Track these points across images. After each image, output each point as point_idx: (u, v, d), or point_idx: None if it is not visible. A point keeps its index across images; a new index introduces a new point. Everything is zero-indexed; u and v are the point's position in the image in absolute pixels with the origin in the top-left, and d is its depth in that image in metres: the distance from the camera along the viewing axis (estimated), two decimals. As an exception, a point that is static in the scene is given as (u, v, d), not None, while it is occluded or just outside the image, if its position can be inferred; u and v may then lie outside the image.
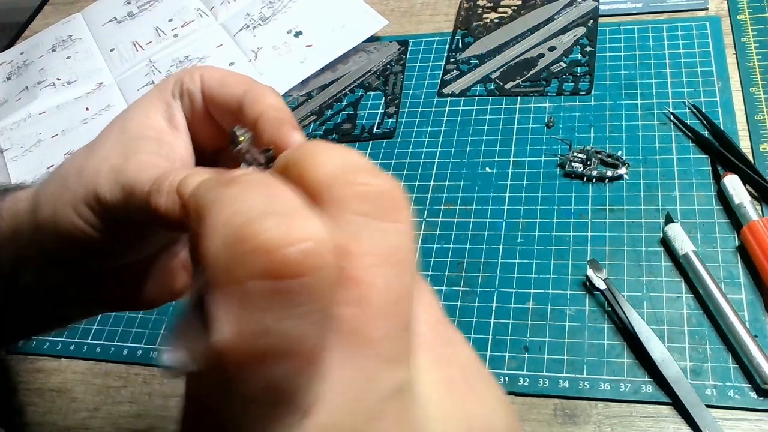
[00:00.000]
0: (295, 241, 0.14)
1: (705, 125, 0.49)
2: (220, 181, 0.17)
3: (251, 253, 0.14)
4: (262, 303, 0.14)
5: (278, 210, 0.15)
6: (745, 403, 0.37)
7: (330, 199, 0.16)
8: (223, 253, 0.15)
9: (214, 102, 0.28)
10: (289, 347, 0.15)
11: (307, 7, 0.68)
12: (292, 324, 0.14)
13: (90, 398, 0.47)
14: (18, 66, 0.76)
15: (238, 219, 0.15)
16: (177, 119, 0.29)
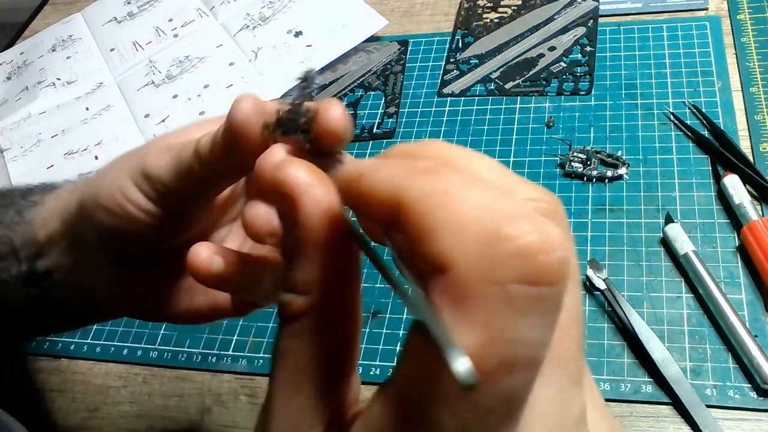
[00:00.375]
0: (553, 249, 0.14)
1: (705, 125, 0.49)
2: (416, 170, 0.15)
3: (512, 256, 0.13)
4: (522, 308, 0.13)
5: (524, 212, 0.14)
6: (745, 403, 0.37)
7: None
8: (476, 253, 0.13)
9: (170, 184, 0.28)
10: (536, 356, 0.14)
11: (307, 7, 0.68)
12: (542, 333, 0.14)
13: (90, 398, 0.47)
14: (18, 66, 0.76)
15: (488, 217, 0.14)
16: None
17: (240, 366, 0.46)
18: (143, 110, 0.66)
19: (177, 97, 0.65)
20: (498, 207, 0.14)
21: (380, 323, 0.45)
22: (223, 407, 0.44)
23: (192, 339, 0.48)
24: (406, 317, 0.45)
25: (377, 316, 0.45)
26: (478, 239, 0.14)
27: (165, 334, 0.49)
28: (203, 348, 0.47)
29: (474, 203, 0.14)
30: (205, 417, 0.44)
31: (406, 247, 0.15)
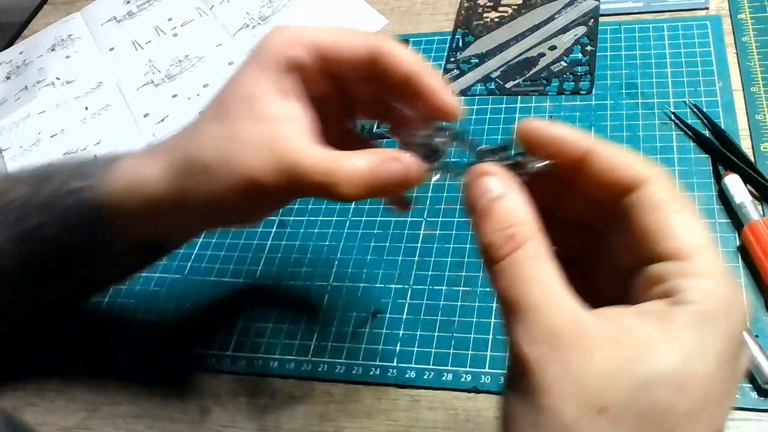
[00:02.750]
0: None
1: (706, 125, 0.49)
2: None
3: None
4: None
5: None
6: (746, 404, 0.37)
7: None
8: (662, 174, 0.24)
9: (334, 61, 0.32)
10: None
11: (307, 6, 0.68)
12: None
13: (89, 398, 0.47)
14: (17, 65, 0.75)
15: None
16: (288, 93, 0.31)
17: (240, 366, 0.45)
18: (143, 110, 0.65)
19: (176, 97, 0.65)
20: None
21: (380, 323, 0.45)
22: (222, 408, 0.44)
23: (191, 339, 0.48)
24: (406, 317, 0.45)
25: (377, 317, 0.45)
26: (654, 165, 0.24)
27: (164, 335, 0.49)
28: (202, 348, 0.47)
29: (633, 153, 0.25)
30: (204, 418, 0.44)
31: (589, 176, 0.25)
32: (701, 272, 0.22)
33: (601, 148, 0.25)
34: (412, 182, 0.29)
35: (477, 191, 0.25)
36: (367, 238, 0.50)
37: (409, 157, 0.29)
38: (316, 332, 0.46)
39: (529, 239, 0.23)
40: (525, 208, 0.24)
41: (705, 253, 0.23)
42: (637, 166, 0.24)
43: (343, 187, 0.29)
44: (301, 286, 0.48)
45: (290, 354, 0.45)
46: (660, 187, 0.24)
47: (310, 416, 0.42)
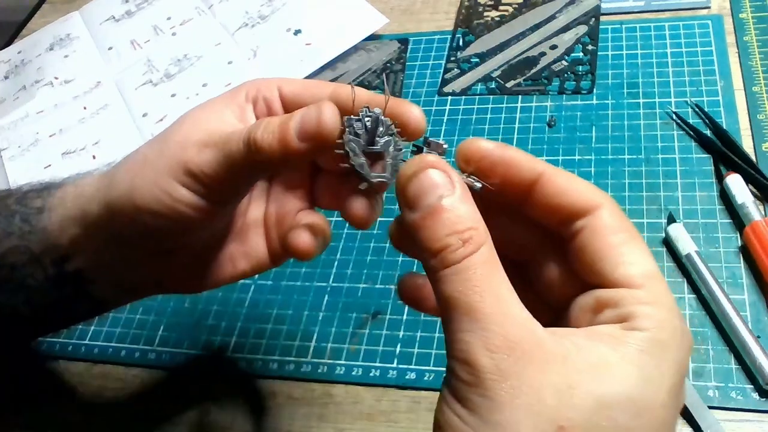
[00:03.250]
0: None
1: (707, 124, 0.49)
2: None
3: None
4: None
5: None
6: (747, 405, 0.37)
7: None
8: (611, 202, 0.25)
9: (298, 106, 0.30)
10: None
11: (307, 5, 0.68)
12: None
13: (88, 400, 0.47)
14: (16, 65, 0.75)
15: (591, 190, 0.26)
16: (248, 121, 0.31)
17: (240, 367, 0.45)
18: (141, 109, 0.65)
19: (175, 96, 0.65)
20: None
21: (380, 324, 0.45)
22: (222, 409, 0.44)
23: (190, 341, 0.47)
24: (406, 318, 0.44)
25: (377, 317, 0.45)
26: (603, 192, 0.25)
27: (163, 336, 0.48)
28: (202, 350, 0.47)
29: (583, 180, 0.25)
30: (203, 419, 0.44)
31: (539, 200, 0.25)
32: (654, 301, 0.22)
33: (553, 173, 0.25)
34: (324, 127, 0.26)
35: (422, 186, 0.23)
36: (367, 238, 0.49)
37: (330, 106, 0.27)
38: (316, 333, 0.45)
39: (484, 243, 0.22)
40: (476, 210, 0.23)
41: (656, 282, 0.23)
42: (589, 192, 0.24)
43: (260, 140, 0.27)
44: (301, 286, 0.48)
45: (290, 355, 0.45)
46: (610, 214, 0.24)
47: (309, 417, 0.42)
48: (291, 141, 0.26)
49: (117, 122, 0.65)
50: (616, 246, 0.23)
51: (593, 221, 0.24)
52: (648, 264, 0.23)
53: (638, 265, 0.23)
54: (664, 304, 0.22)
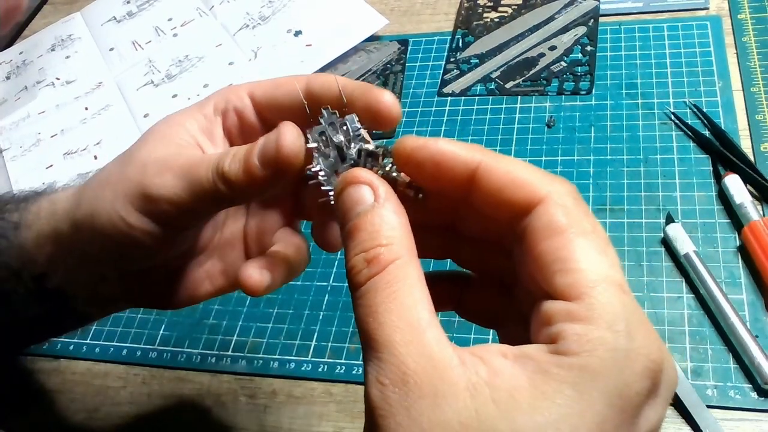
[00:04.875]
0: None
1: (706, 125, 0.49)
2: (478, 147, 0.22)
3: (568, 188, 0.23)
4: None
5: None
6: (745, 404, 0.37)
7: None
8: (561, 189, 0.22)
9: (272, 106, 0.29)
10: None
11: (307, 6, 0.68)
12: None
13: (89, 399, 0.47)
14: (17, 65, 0.75)
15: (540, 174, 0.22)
16: (216, 134, 0.30)
17: (239, 366, 0.45)
18: (142, 110, 0.65)
19: (176, 97, 0.65)
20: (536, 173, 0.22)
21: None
22: (223, 408, 0.44)
23: (191, 340, 0.48)
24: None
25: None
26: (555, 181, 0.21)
27: (164, 335, 0.49)
28: (203, 348, 0.47)
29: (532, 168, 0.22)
30: (204, 418, 0.44)
31: (481, 197, 0.22)
32: (590, 317, 0.18)
33: (492, 164, 0.21)
34: (284, 149, 0.25)
35: (345, 204, 0.22)
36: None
37: (290, 125, 0.25)
38: (316, 332, 0.46)
39: (392, 261, 0.20)
40: (393, 225, 0.21)
41: (600, 291, 0.19)
42: (533, 183, 0.21)
43: (227, 170, 0.25)
44: (301, 286, 0.48)
45: (290, 354, 0.45)
46: (556, 208, 0.20)
47: (310, 416, 0.42)
48: (255, 169, 0.25)
49: (118, 123, 0.65)
50: (559, 249, 0.20)
51: (534, 220, 0.21)
52: (597, 268, 0.19)
53: (581, 272, 0.19)
54: (602, 321, 0.18)
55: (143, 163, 0.27)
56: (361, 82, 0.27)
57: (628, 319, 0.19)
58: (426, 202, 0.23)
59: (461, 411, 0.18)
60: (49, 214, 0.31)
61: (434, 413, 0.18)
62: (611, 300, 0.19)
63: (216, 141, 0.30)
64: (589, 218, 0.20)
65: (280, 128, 0.25)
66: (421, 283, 0.20)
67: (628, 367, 0.18)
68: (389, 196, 0.22)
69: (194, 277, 0.32)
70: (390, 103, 0.26)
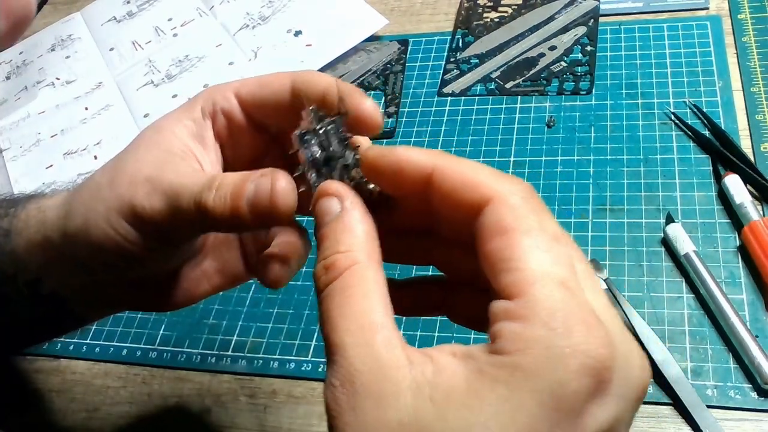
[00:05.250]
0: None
1: (706, 125, 0.49)
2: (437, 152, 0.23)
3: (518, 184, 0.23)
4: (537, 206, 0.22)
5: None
6: (745, 404, 0.37)
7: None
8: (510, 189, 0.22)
9: (259, 105, 0.29)
10: None
11: (307, 6, 0.68)
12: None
13: (89, 399, 0.47)
14: (17, 65, 0.75)
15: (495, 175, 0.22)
16: (206, 138, 0.29)
17: (239, 366, 0.45)
18: (143, 110, 0.65)
19: (176, 97, 0.65)
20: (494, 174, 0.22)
21: (380, 323, 0.45)
22: (223, 408, 0.44)
23: (191, 339, 0.48)
24: (406, 318, 0.45)
25: (377, 317, 0.45)
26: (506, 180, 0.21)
27: (164, 335, 0.49)
28: (203, 348, 0.47)
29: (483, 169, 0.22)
30: (204, 417, 0.44)
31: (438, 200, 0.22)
32: (526, 315, 0.18)
33: (446, 167, 0.22)
34: (277, 206, 0.25)
35: (317, 215, 0.23)
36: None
37: (284, 179, 0.25)
38: (316, 332, 0.46)
39: (348, 268, 0.21)
40: (355, 233, 0.22)
41: (539, 289, 0.19)
42: (482, 184, 0.21)
43: (211, 206, 0.25)
44: (301, 286, 0.48)
45: (290, 354, 0.45)
46: (502, 207, 0.21)
47: (310, 416, 0.42)
48: (244, 215, 0.25)
49: (118, 123, 0.65)
50: (502, 249, 0.20)
51: (482, 220, 0.21)
52: (539, 266, 0.19)
53: (519, 271, 0.19)
54: (538, 319, 0.18)
55: (133, 178, 0.27)
56: (347, 85, 0.27)
57: (568, 315, 0.18)
58: (395, 209, 0.24)
59: (401, 410, 0.18)
60: (38, 223, 0.31)
61: (377, 413, 0.18)
62: (550, 297, 0.19)
63: (207, 145, 0.29)
64: (537, 215, 0.20)
65: (273, 178, 0.25)
66: (378, 285, 0.21)
67: (563, 366, 0.18)
68: (354, 206, 0.23)
69: (191, 277, 0.32)
70: (371, 110, 0.26)
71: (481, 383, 0.18)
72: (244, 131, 0.30)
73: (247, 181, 0.25)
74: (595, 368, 0.18)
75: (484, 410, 0.18)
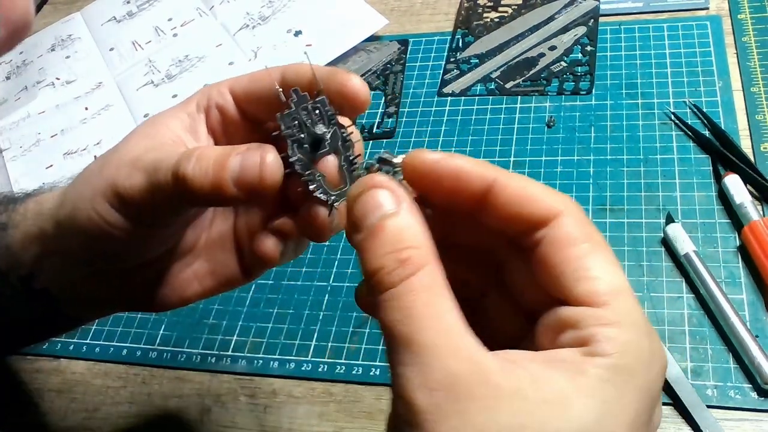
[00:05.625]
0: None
1: (706, 125, 0.49)
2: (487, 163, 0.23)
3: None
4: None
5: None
6: (745, 404, 0.37)
7: None
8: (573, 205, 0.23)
9: (252, 100, 0.29)
10: None
11: (307, 6, 0.68)
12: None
13: (89, 398, 0.47)
14: (17, 65, 0.75)
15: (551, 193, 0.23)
16: (199, 132, 0.30)
17: (239, 366, 0.45)
18: (143, 110, 0.65)
19: (176, 97, 0.65)
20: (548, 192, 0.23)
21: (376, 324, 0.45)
22: (223, 408, 0.44)
23: (191, 339, 0.48)
24: (406, 317, 0.45)
25: (377, 317, 0.45)
26: (563, 196, 0.22)
27: (164, 335, 0.49)
28: (203, 348, 0.47)
29: (539, 184, 0.23)
30: (204, 417, 0.44)
31: (495, 210, 0.22)
32: (618, 321, 0.20)
33: (507, 181, 0.22)
34: (265, 180, 0.25)
35: (366, 206, 0.22)
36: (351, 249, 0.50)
37: (272, 153, 0.25)
38: (316, 332, 0.46)
39: (425, 265, 0.21)
40: (421, 229, 0.21)
41: (622, 299, 0.21)
42: (548, 199, 0.22)
43: (190, 176, 0.25)
44: (301, 286, 0.48)
45: (290, 354, 0.45)
46: (572, 222, 0.22)
47: (310, 416, 0.42)
48: (227, 187, 0.25)
49: (118, 123, 0.65)
50: (578, 258, 0.21)
51: (553, 231, 0.22)
52: (614, 278, 0.21)
53: (602, 280, 0.21)
54: (630, 324, 0.20)
55: (120, 161, 0.27)
56: (330, 67, 0.27)
57: (643, 324, 0.21)
58: (433, 217, 0.23)
59: (515, 414, 0.18)
60: (35, 215, 0.31)
61: (488, 418, 0.18)
62: (632, 307, 0.21)
63: (200, 138, 0.30)
64: (598, 233, 0.22)
65: (262, 152, 0.25)
66: (450, 290, 0.21)
67: (653, 367, 0.20)
68: (412, 205, 0.22)
69: (182, 278, 0.31)
70: (357, 86, 0.26)
71: (589, 384, 0.19)
72: (237, 126, 0.30)
73: (231, 155, 0.25)
74: (665, 368, 0.21)
75: (599, 408, 0.19)
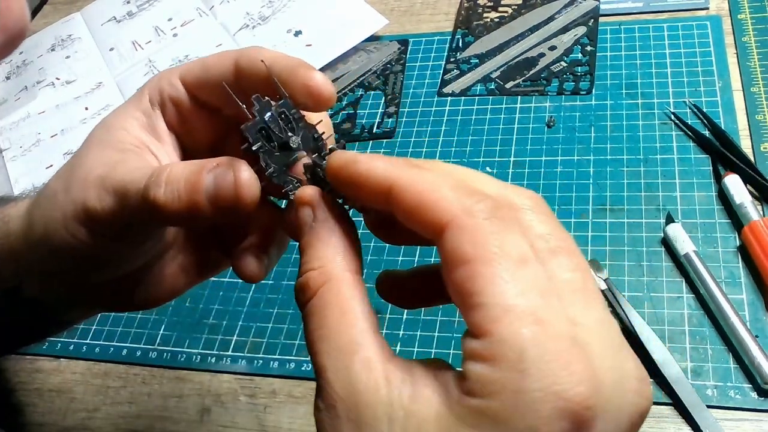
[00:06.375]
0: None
1: (706, 125, 0.49)
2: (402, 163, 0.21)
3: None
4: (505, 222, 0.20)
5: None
6: (745, 404, 0.37)
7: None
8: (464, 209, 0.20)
9: (205, 88, 0.28)
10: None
11: (307, 6, 0.68)
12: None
13: (89, 398, 0.47)
14: (17, 66, 0.75)
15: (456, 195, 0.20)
16: (159, 129, 0.29)
17: (239, 366, 0.45)
18: (143, 110, 0.65)
19: (176, 97, 0.65)
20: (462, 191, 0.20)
21: (380, 323, 0.45)
22: (223, 407, 0.44)
23: (191, 339, 0.48)
24: (406, 317, 0.45)
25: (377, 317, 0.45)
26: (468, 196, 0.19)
27: (164, 335, 0.49)
28: (202, 348, 0.47)
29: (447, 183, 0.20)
30: (204, 417, 0.44)
31: (401, 215, 0.20)
32: (494, 356, 0.17)
33: (406, 186, 0.20)
34: (243, 198, 0.23)
35: (297, 226, 0.23)
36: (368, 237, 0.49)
37: (247, 170, 0.23)
38: (316, 332, 0.45)
39: (321, 285, 0.20)
40: (327, 244, 0.21)
41: (505, 326, 0.17)
42: (440, 205, 0.19)
43: (162, 200, 0.23)
44: (301, 286, 0.48)
45: (290, 354, 0.45)
46: (460, 233, 0.19)
47: (310, 416, 0.42)
48: (203, 209, 0.23)
49: (118, 123, 0.65)
50: (464, 282, 0.18)
51: (443, 247, 0.19)
52: (500, 300, 0.17)
53: (482, 308, 0.18)
54: (505, 360, 0.17)
55: (85, 181, 0.26)
56: (291, 58, 0.25)
57: (539, 354, 0.17)
58: (367, 216, 0.23)
59: None
60: (4, 235, 0.30)
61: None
62: (517, 335, 0.17)
63: (161, 137, 0.29)
64: (499, 236, 0.18)
65: (235, 169, 0.23)
66: (356, 299, 0.20)
67: (534, 412, 0.16)
68: (324, 214, 0.22)
69: (168, 273, 0.31)
70: (321, 82, 0.24)
71: (449, 422, 0.17)
72: (196, 116, 0.29)
73: (202, 173, 0.24)
74: (571, 410, 0.16)
75: None
